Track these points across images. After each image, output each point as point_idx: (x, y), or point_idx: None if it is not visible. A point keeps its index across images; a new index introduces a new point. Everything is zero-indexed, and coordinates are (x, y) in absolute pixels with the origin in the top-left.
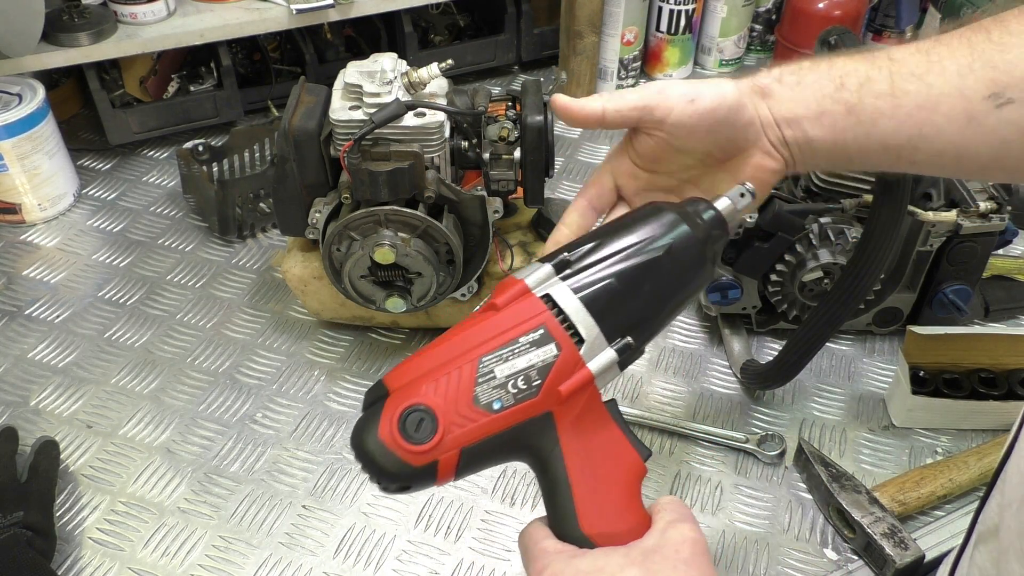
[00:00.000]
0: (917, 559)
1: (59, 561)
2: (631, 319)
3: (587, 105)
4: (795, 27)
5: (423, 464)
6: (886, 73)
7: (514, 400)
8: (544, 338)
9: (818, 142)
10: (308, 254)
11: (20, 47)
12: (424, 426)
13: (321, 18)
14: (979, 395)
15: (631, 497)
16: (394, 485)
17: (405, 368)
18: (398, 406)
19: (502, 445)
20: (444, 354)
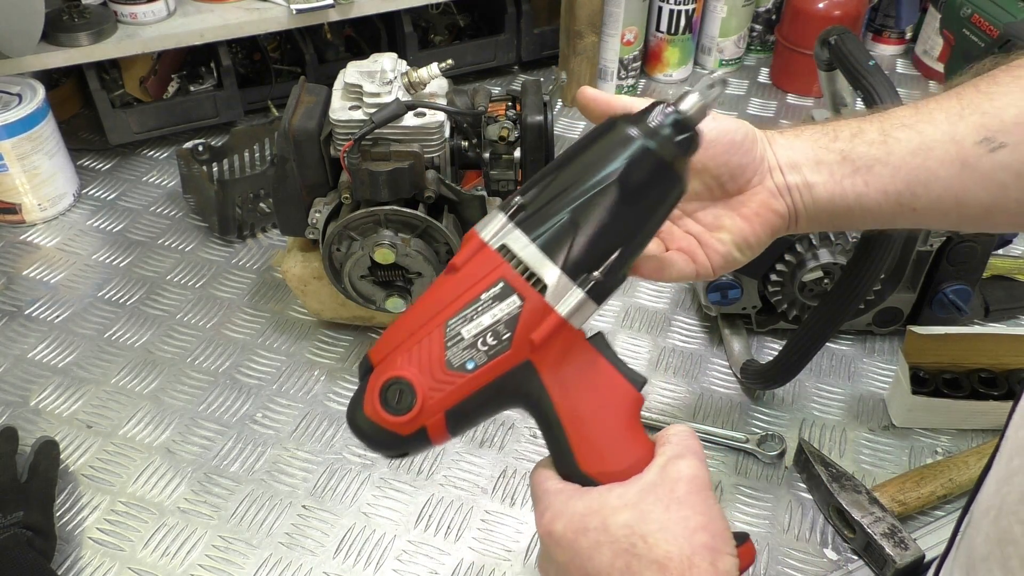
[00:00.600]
0: (917, 559)
1: (59, 561)
2: (596, 254)
3: (615, 100)
4: (795, 27)
5: (412, 432)
6: (877, 124)
7: (487, 357)
8: (505, 291)
9: (818, 189)
10: (308, 254)
11: (20, 47)
12: (404, 397)
13: (321, 18)
14: (979, 395)
15: (628, 429)
16: (391, 453)
17: (385, 339)
18: (378, 380)
19: (487, 400)
20: (413, 323)
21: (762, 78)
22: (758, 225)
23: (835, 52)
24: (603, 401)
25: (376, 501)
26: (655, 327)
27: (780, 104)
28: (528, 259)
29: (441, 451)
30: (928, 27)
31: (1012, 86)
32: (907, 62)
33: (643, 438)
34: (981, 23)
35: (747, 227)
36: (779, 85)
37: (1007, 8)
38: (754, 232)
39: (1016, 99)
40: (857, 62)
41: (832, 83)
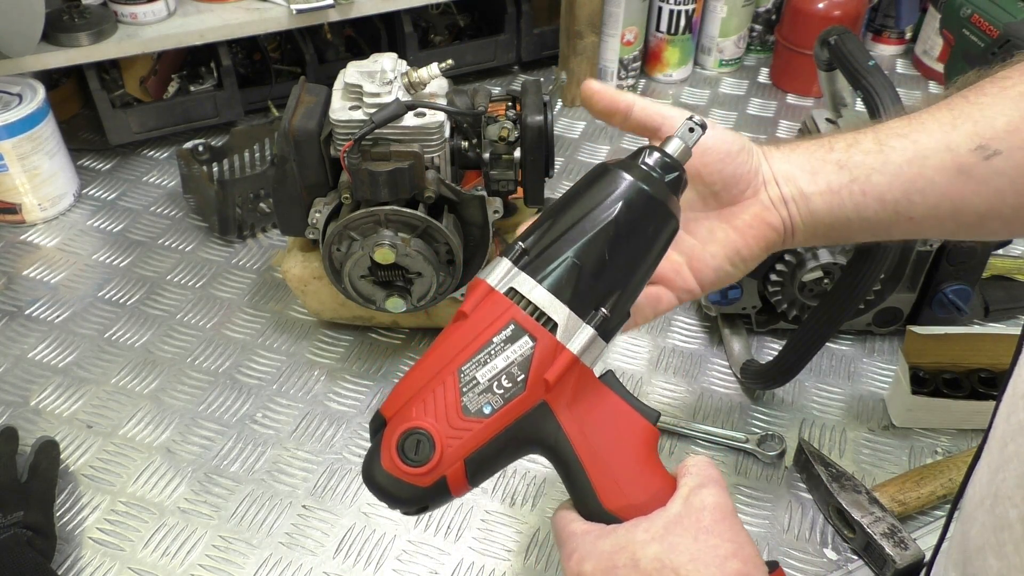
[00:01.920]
0: (917, 559)
1: (59, 561)
2: (601, 291)
3: (620, 96)
4: (795, 27)
5: (432, 483)
6: (871, 135)
7: (503, 400)
8: (516, 332)
9: (815, 199)
10: (308, 254)
11: (20, 47)
12: (422, 447)
13: (321, 18)
14: (979, 395)
15: (647, 463)
16: (412, 508)
17: (396, 393)
18: (394, 434)
19: (506, 444)
20: (426, 373)
21: (762, 78)
22: (751, 238)
23: (835, 52)
24: (619, 437)
25: (376, 501)
26: (655, 327)
27: (780, 104)
28: (537, 300)
29: None
30: (928, 27)
31: (999, 96)
32: (907, 62)
33: (662, 470)
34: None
35: (740, 239)
36: (779, 85)
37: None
38: (747, 245)
39: (1005, 108)
40: (857, 62)
41: (832, 83)
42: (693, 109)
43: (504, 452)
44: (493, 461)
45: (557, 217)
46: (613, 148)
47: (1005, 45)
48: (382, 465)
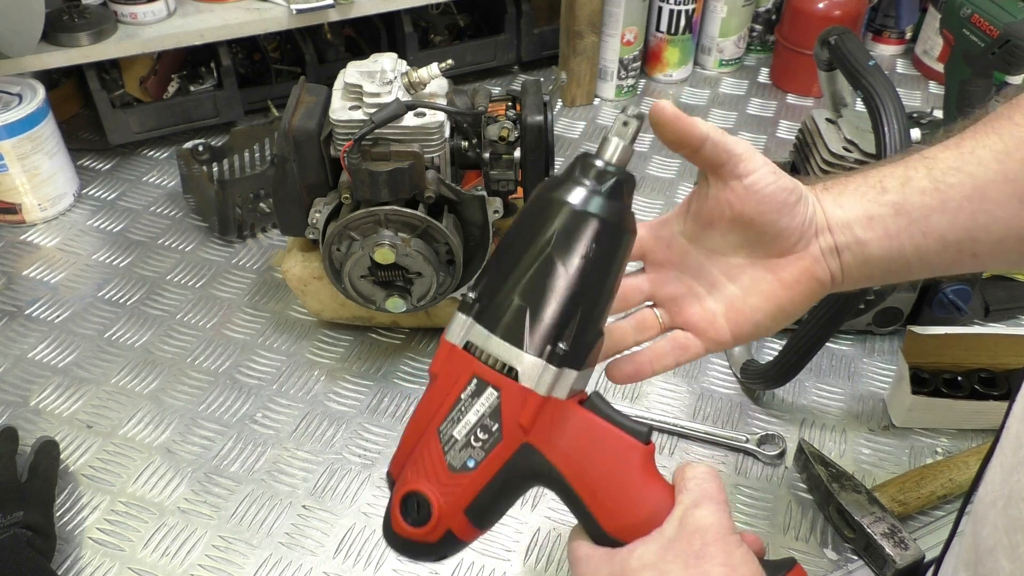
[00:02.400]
0: (917, 559)
1: (59, 561)
2: (555, 328)
3: (694, 127)
4: (795, 27)
5: (440, 537)
6: (924, 171)
7: (484, 452)
8: (480, 386)
9: (873, 246)
10: (308, 254)
11: (20, 47)
12: (421, 508)
13: (321, 18)
14: (979, 395)
15: (643, 482)
16: (431, 559)
17: (397, 453)
18: (396, 497)
19: (500, 489)
20: (413, 435)
21: (762, 78)
22: (797, 293)
23: (835, 52)
24: (611, 461)
25: (376, 501)
26: None
27: (780, 104)
28: (492, 350)
29: None
30: (928, 27)
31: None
32: (907, 62)
33: (659, 486)
34: (981, 23)
35: (785, 294)
36: (779, 85)
37: (1007, 8)
38: (792, 299)
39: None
40: (857, 62)
41: (832, 83)
42: (693, 109)
43: (503, 494)
44: (494, 505)
45: (500, 259)
46: None
47: (1005, 45)
48: (393, 527)
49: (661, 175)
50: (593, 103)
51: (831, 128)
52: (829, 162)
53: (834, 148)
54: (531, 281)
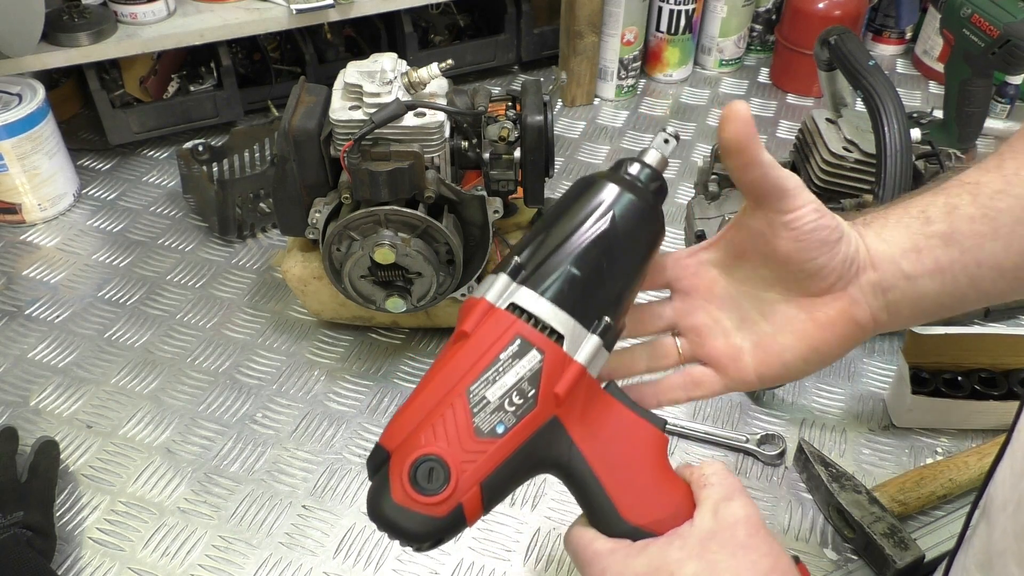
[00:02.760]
0: (917, 559)
1: (59, 561)
2: (602, 299)
3: (760, 146)
4: (795, 27)
5: (448, 512)
6: (968, 198)
7: (515, 418)
8: (523, 347)
9: (923, 282)
10: (308, 254)
11: (20, 47)
12: (436, 475)
13: (321, 18)
14: (979, 395)
15: (662, 470)
16: (426, 543)
17: (397, 424)
18: (404, 463)
19: (519, 465)
20: (431, 398)
21: (762, 78)
22: (832, 335)
23: (835, 52)
24: (632, 447)
25: None
26: None
27: (780, 104)
28: (541, 312)
29: None
30: (928, 27)
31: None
32: (907, 62)
33: (676, 478)
34: (981, 23)
35: (819, 335)
36: (779, 85)
37: (1007, 8)
38: (826, 342)
39: None
40: (857, 62)
41: (832, 83)
42: (693, 109)
43: (517, 474)
44: (506, 484)
45: (550, 229)
46: (613, 148)
47: (1005, 45)
48: (393, 499)
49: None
50: (593, 103)
51: (831, 128)
52: (829, 162)
53: (834, 148)
54: (585, 252)
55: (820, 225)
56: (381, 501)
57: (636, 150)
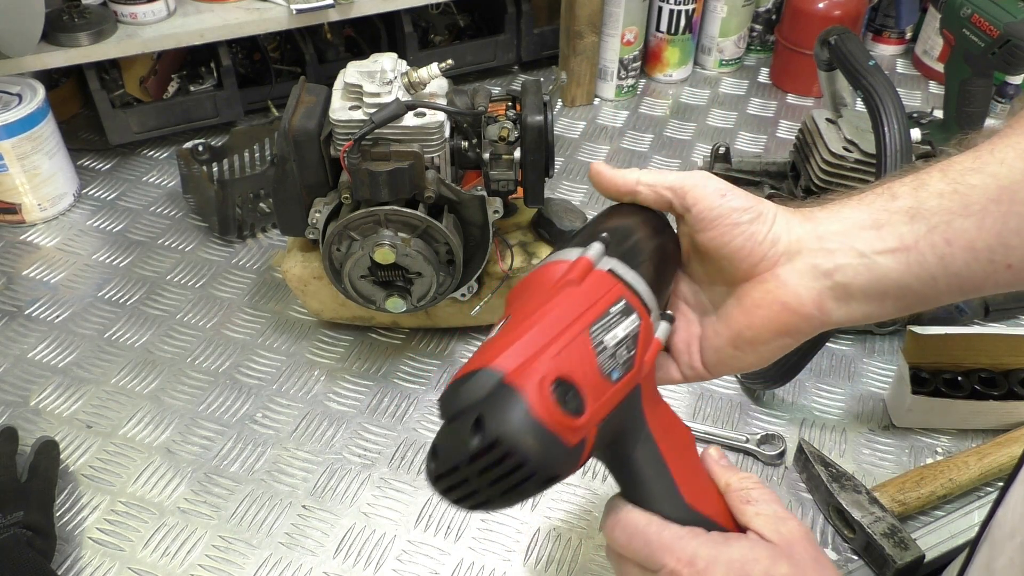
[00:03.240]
0: (917, 559)
1: (59, 561)
2: (666, 291)
3: (623, 176)
4: (795, 27)
5: (576, 443)
6: (938, 175)
7: (623, 370)
8: (627, 309)
9: (884, 261)
10: (308, 254)
11: (20, 47)
12: (572, 398)
13: (321, 18)
14: (979, 395)
15: (701, 465)
16: (547, 474)
17: (511, 350)
18: (541, 380)
19: (614, 425)
20: (549, 329)
21: (762, 78)
22: (758, 319)
23: (835, 52)
24: (679, 437)
25: (376, 501)
26: None
27: (780, 104)
28: (635, 285)
29: None
30: (928, 27)
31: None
32: (907, 62)
33: (710, 477)
34: (981, 23)
35: (744, 319)
36: (779, 85)
37: (1007, 8)
38: (751, 326)
39: None
40: (857, 62)
41: (832, 83)
42: (693, 109)
43: (605, 432)
44: (600, 440)
45: (626, 219)
46: (613, 148)
47: (1005, 45)
48: (532, 412)
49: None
50: (593, 103)
51: (831, 128)
52: (829, 162)
53: (834, 148)
54: (661, 247)
55: (727, 208)
56: (510, 415)
57: (636, 150)
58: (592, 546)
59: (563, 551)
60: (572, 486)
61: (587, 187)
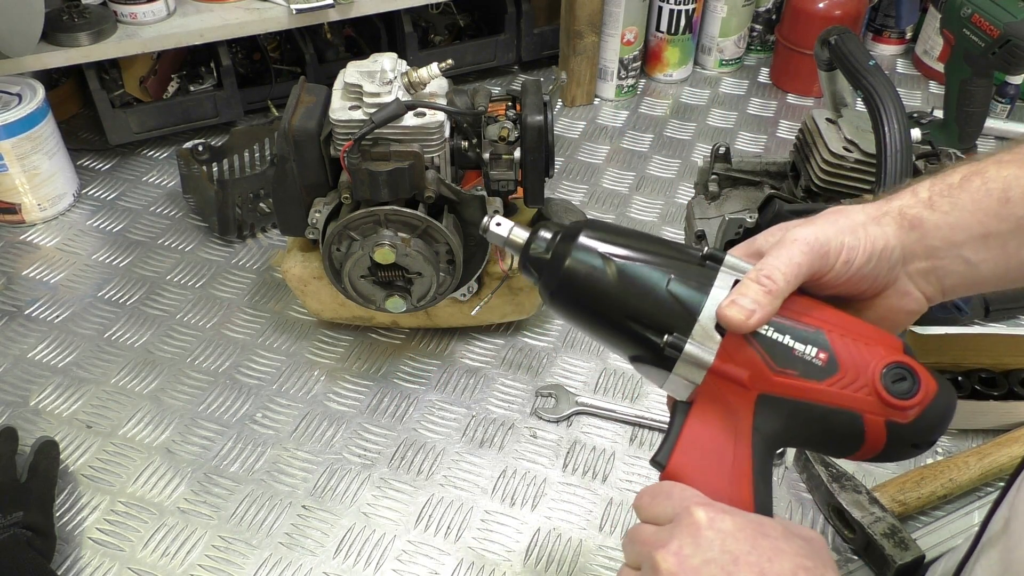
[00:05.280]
0: (917, 559)
1: (59, 561)
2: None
3: (770, 305)
4: (795, 27)
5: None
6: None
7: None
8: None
9: (985, 266)
10: (308, 254)
11: (20, 47)
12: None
13: (321, 18)
14: (979, 395)
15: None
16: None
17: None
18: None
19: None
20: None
21: (762, 78)
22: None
23: (835, 52)
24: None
25: (376, 501)
26: None
27: (780, 104)
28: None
29: (441, 451)
30: (928, 27)
31: None
32: (907, 62)
33: None
34: (981, 23)
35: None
36: (779, 85)
37: (1007, 8)
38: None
39: None
40: (857, 62)
41: (832, 83)
42: (693, 109)
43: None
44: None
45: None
46: (613, 148)
47: (1005, 45)
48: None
49: (661, 175)
50: (593, 103)
51: (831, 128)
52: (829, 162)
53: (834, 148)
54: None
55: (856, 269)
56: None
57: (636, 150)
58: (592, 546)
59: (563, 551)
60: (572, 486)
61: (587, 187)
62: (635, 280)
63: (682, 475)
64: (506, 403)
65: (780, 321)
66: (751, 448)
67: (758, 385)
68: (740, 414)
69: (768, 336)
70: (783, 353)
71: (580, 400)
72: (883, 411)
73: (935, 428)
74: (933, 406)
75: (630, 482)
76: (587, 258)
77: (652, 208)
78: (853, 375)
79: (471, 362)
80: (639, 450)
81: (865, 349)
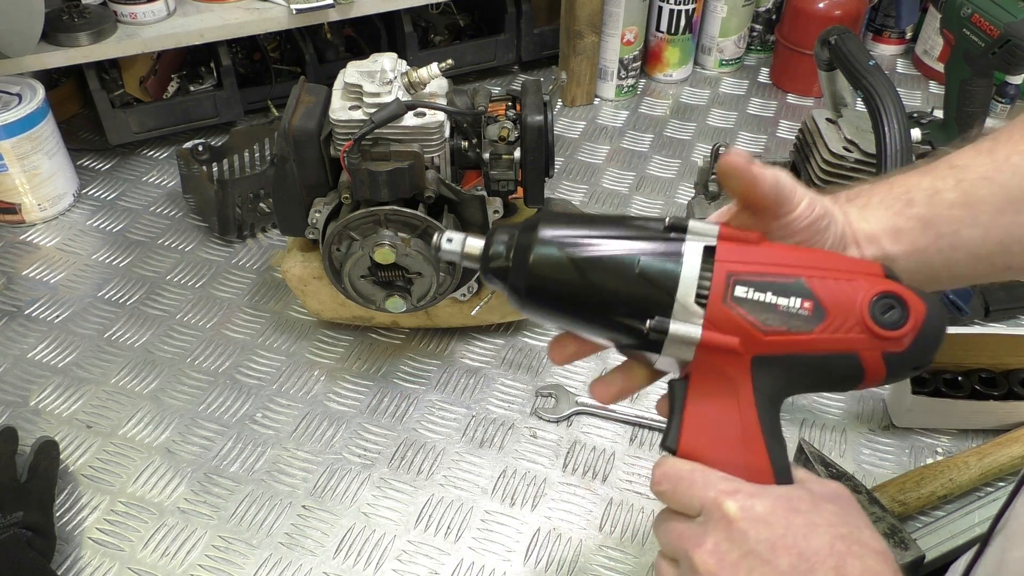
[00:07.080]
0: (917, 559)
1: (59, 561)
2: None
3: (764, 175)
4: (795, 27)
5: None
6: (952, 182)
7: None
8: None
9: (901, 262)
10: (308, 254)
11: (20, 47)
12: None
13: (321, 18)
14: (979, 395)
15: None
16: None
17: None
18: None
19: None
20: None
21: (762, 78)
22: None
23: (835, 52)
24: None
25: (376, 501)
26: None
27: (780, 104)
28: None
29: (441, 451)
30: (928, 27)
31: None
32: (907, 62)
33: None
34: (981, 23)
35: None
36: (779, 85)
37: (1007, 8)
38: None
39: None
40: (857, 62)
41: (832, 83)
42: (693, 109)
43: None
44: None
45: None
46: (613, 148)
47: (1005, 45)
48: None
49: (661, 175)
50: (593, 103)
51: (831, 128)
52: (829, 162)
53: (834, 148)
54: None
55: (815, 217)
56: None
57: (636, 150)
58: (592, 546)
59: (563, 551)
60: (572, 486)
61: (587, 187)
62: (604, 271)
63: (695, 454)
64: (506, 403)
65: (758, 279)
66: (756, 411)
67: (750, 349)
68: (739, 381)
69: (749, 298)
70: (768, 311)
71: (580, 400)
72: (878, 344)
73: (932, 348)
74: (925, 328)
75: (630, 482)
76: (550, 252)
77: (652, 208)
78: (842, 317)
79: (471, 362)
80: (639, 450)
81: (847, 286)
